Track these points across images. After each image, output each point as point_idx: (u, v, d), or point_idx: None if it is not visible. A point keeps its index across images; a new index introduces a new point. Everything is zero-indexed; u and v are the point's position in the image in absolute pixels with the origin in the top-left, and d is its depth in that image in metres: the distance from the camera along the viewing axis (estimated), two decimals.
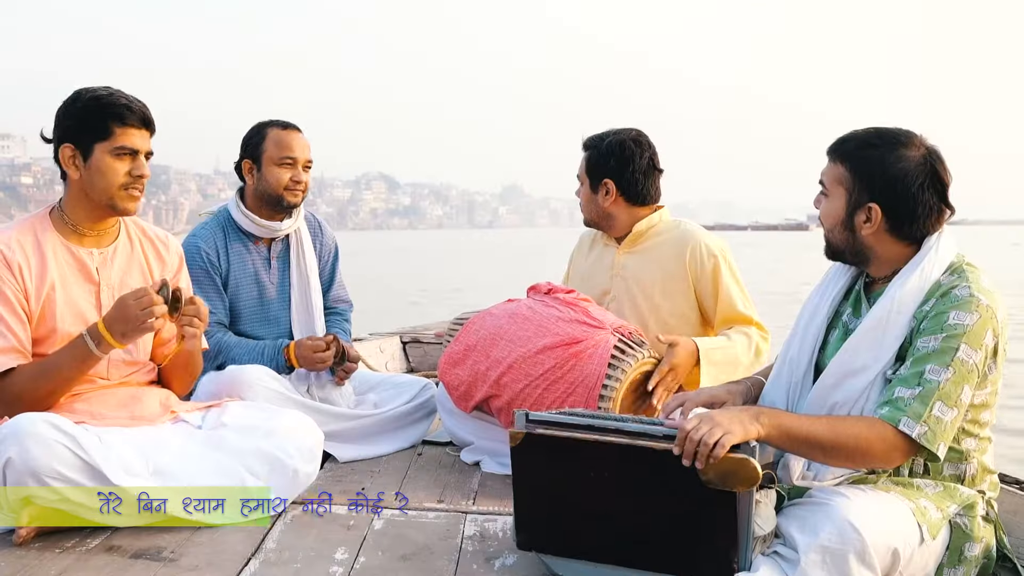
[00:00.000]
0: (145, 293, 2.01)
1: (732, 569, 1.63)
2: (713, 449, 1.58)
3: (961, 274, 1.75)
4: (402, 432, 2.87)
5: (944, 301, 1.71)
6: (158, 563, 1.85)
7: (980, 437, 1.82)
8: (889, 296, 1.77)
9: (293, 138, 2.81)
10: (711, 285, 2.70)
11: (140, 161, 2.13)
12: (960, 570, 1.76)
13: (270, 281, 2.89)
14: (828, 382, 1.81)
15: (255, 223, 2.84)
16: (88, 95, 2.11)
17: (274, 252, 2.91)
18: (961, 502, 1.77)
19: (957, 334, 1.68)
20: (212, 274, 2.79)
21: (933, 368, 1.67)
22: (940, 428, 1.66)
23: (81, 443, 1.92)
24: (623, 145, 2.75)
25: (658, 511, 1.69)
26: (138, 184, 2.13)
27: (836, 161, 1.83)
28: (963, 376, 1.67)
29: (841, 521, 1.59)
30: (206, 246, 2.80)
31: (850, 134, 1.84)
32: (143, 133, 2.13)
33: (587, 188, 2.80)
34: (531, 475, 1.80)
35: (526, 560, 1.90)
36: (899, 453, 1.68)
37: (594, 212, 2.82)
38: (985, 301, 1.70)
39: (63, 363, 2.05)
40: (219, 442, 2.16)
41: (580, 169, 2.83)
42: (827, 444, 1.66)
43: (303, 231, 2.95)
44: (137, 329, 2.02)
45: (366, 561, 1.90)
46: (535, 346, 2.42)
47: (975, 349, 1.68)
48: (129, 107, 2.10)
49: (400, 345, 4.37)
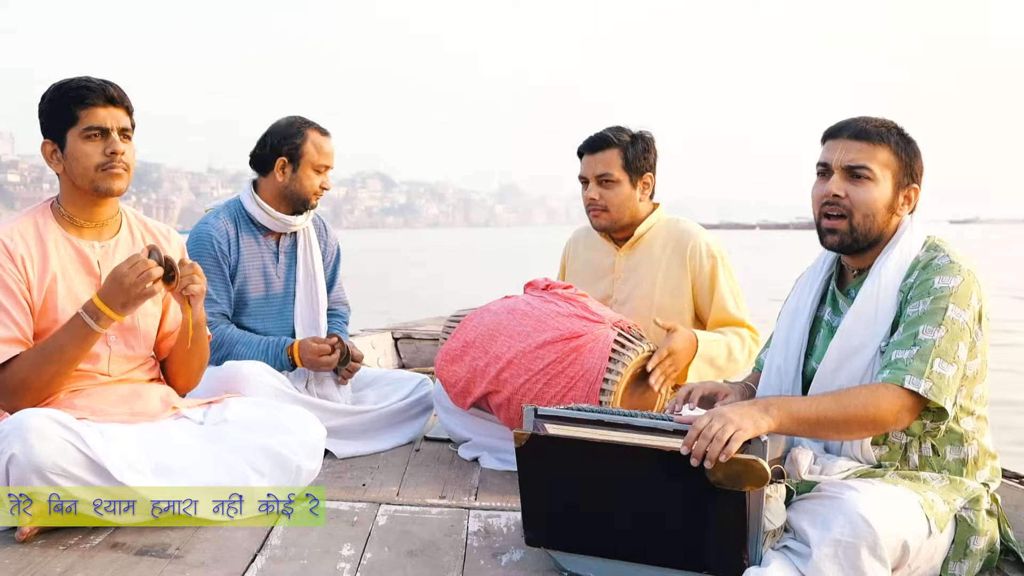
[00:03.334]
0: (138, 259, 2.00)
1: (743, 564, 1.63)
2: (726, 445, 1.58)
3: (937, 248, 1.83)
4: (400, 428, 2.87)
5: (927, 270, 1.79)
6: (164, 560, 1.83)
7: (978, 416, 1.85)
8: (875, 274, 1.84)
9: (330, 145, 2.86)
10: (708, 285, 2.69)
11: (112, 138, 2.10)
12: (965, 564, 1.78)
13: (277, 275, 2.88)
14: (830, 366, 1.85)
15: (271, 216, 2.82)
16: (52, 88, 2.12)
17: (283, 247, 2.91)
18: (967, 496, 1.79)
19: (944, 295, 1.75)
20: (221, 263, 2.76)
21: (926, 328, 1.73)
22: (943, 383, 1.71)
23: (85, 439, 1.90)
24: (652, 139, 2.73)
25: (667, 508, 1.69)
26: (115, 162, 2.10)
27: (878, 144, 1.83)
28: (956, 334, 1.73)
29: (853, 514, 1.59)
30: (218, 235, 2.78)
31: (865, 118, 1.87)
32: (110, 110, 2.10)
33: (627, 186, 2.68)
34: (537, 474, 1.80)
35: (533, 555, 1.90)
36: (908, 413, 1.71)
37: (629, 212, 2.70)
38: (966, 266, 1.78)
39: (64, 343, 2.03)
40: (221, 438, 2.15)
41: (608, 167, 2.67)
42: (838, 419, 1.68)
43: (310, 229, 2.96)
44: (137, 296, 2.00)
45: (373, 557, 1.89)
46: (535, 341, 2.41)
47: (963, 308, 1.74)
48: (89, 87, 2.08)
49: (392, 341, 4.37)
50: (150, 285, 2.00)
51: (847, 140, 1.84)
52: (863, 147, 1.83)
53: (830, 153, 1.86)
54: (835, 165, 1.84)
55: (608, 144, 2.68)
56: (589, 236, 2.94)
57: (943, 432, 1.82)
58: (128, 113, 2.15)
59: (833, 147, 1.86)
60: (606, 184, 2.69)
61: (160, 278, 2.03)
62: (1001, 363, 7.96)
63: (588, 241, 2.94)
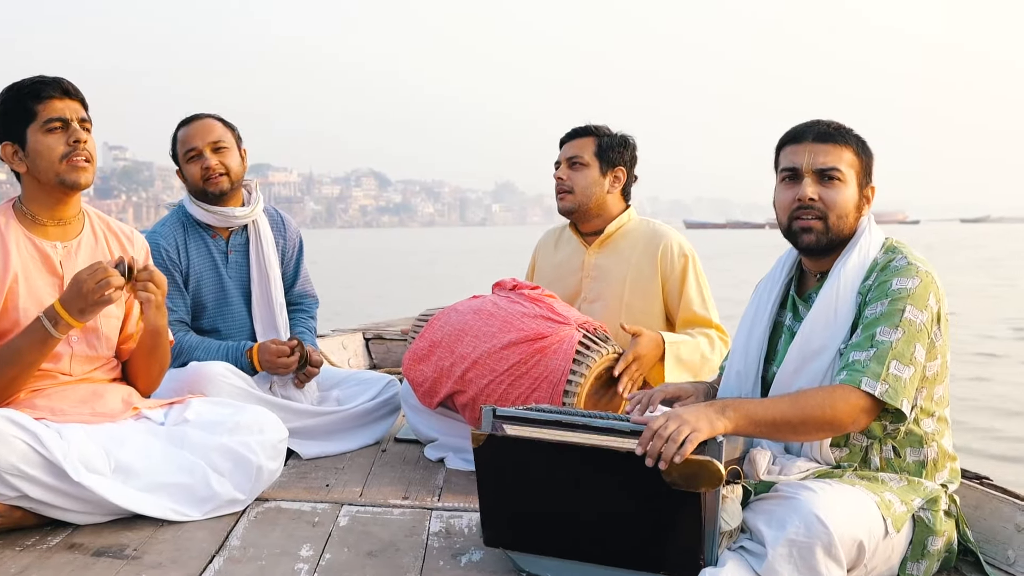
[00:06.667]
0: (99, 266, 2.00)
1: (699, 565, 1.63)
2: (681, 446, 1.58)
3: (895, 250, 1.84)
4: (366, 429, 2.85)
5: (885, 272, 1.80)
6: (121, 561, 1.82)
7: (938, 418, 1.86)
8: (834, 275, 1.84)
9: (192, 130, 2.75)
10: (679, 284, 2.71)
11: (74, 127, 2.10)
12: (923, 564, 1.78)
13: (228, 275, 2.83)
14: (789, 368, 1.86)
15: (208, 211, 2.77)
16: (5, 90, 2.12)
17: (232, 245, 2.85)
18: (925, 496, 1.79)
19: (901, 296, 1.75)
20: (172, 271, 2.73)
21: (883, 330, 1.74)
22: (900, 385, 1.71)
23: (42, 439, 1.89)
24: (634, 143, 2.80)
25: (624, 508, 1.69)
26: (79, 151, 2.09)
27: (843, 146, 1.85)
28: (913, 335, 1.74)
29: (808, 514, 1.59)
30: (166, 243, 2.75)
31: (823, 121, 1.89)
32: (67, 102, 2.10)
33: (595, 171, 2.74)
34: (495, 475, 1.80)
35: (493, 556, 1.90)
36: (865, 415, 1.72)
37: (593, 198, 2.75)
38: (924, 268, 1.79)
39: (22, 347, 2.02)
40: (182, 438, 2.13)
41: (580, 151, 2.74)
42: (795, 421, 1.69)
43: (262, 224, 2.87)
44: (95, 303, 2.00)
45: (332, 558, 1.88)
46: (500, 342, 2.41)
47: (920, 310, 1.75)
48: (43, 82, 2.09)
49: (363, 341, 4.34)
50: (108, 293, 1.99)
51: (813, 143, 1.85)
52: (830, 149, 1.84)
53: (797, 157, 1.86)
54: (805, 169, 1.85)
55: (586, 132, 2.78)
56: (560, 235, 2.98)
57: (903, 434, 1.83)
58: (84, 106, 2.14)
59: (799, 151, 1.86)
60: (575, 167, 2.76)
61: (120, 287, 2.02)
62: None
63: (559, 240, 2.97)
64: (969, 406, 6.09)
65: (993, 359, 8.43)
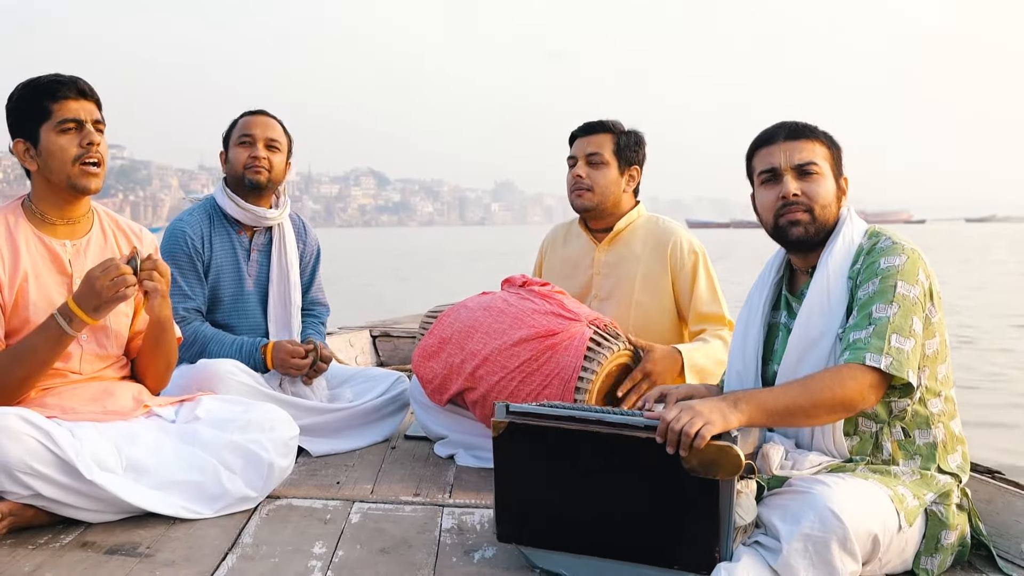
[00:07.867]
0: (112, 263, 2.00)
1: (714, 559, 1.63)
2: (694, 439, 1.58)
3: (878, 234, 1.88)
4: (375, 426, 2.86)
5: (872, 254, 1.83)
6: (134, 559, 1.82)
7: (945, 398, 1.87)
8: (823, 264, 1.88)
9: (254, 119, 2.85)
10: (689, 282, 2.71)
11: (88, 129, 2.09)
12: (937, 558, 1.79)
13: (249, 272, 2.87)
14: (792, 359, 1.88)
15: (239, 206, 2.82)
16: (21, 86, 2.11)
17: (256, 244, 2.90)
18: (937, 490, 1.80)
19: (891, 273, 1.79)
20: (195, 260, 2.77)
21: (879, 307, 1.77)
22: (903, 357, 1.74)
23: (54, 437, 1.89)
24: (644, 139, 2.80)
25: (640, 502, 1.69)
26: (92, 153, 2.09)
27: (814, 140, 1.91)
28: (908, 308, 1.77)
29: (823, 509, 1.60)
30: (191, 231, 2.79)
31: (789, 121, 1.95)
32: (83, 103, 2.10)
33: (615, 170, 2.73)
34: (513, 465, 1.80)
35: (505, 552, 1.89)
36: (873, 390, 1.73)
37: (611, 197, 2.74)
38: (909, 246, 1.83)
39: (37, 346, 2.02)
40: (193, 436, 2.13)
41: (599, 148, 2.72)
42: (806, 405, 1.70)
43: (287, 227, 2.94)
44: (110, 300, 2.00)
45: (345, 555, 1.88)
46: (511, 338, 2.41)
47: (912, 284, 1.78)
48: (59, 81, 2.09)
49: (370, 339, 4.35)
50: (123, 290, 1.99)
51: (786, 142, 1.91)
52: (803, 145, 1.90)
53: (773, 158, 1.91)
54: (784, 167, 1.89)
55: (603, 128, 2.76)
56: (568, 231, 2.96)
57: (911, 414, 1.84)
58: (99, 107, 2.14)
59: (773, 151, 1.91)
60: (595, 164, 2.74)
61: (135, 284, 2.02)
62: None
63: (567, 236, 2.96)
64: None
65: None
